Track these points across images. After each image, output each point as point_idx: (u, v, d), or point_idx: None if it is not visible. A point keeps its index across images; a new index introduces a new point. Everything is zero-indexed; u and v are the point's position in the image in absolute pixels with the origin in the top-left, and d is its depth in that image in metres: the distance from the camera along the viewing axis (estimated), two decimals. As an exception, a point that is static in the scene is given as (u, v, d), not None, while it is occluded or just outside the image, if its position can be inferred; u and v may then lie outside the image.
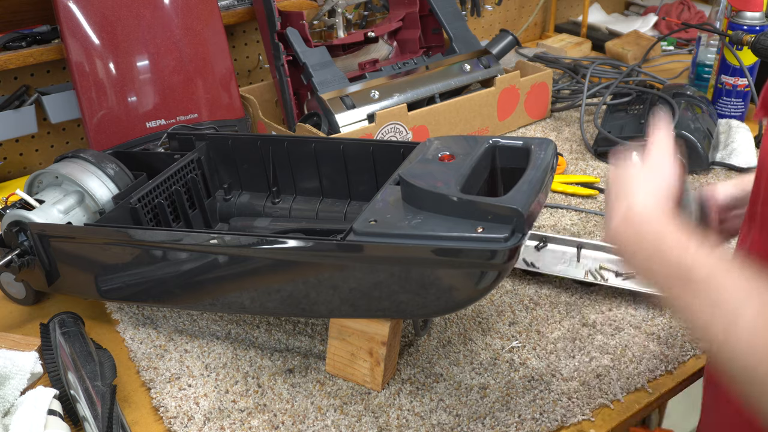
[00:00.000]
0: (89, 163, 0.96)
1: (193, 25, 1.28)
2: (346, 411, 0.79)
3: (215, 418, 0.79)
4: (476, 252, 0.67)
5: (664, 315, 0.92)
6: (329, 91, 1.26)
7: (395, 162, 0.88)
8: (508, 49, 1.50)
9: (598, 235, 1.09)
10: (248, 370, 0.86)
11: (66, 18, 1.18)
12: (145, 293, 0.87)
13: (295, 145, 1.00)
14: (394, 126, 1.25)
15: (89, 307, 0.97)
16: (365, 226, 0.71)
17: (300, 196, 1.04)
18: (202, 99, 1.31)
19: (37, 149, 1.35)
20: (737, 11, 1.39)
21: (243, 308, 0.84)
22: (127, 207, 0.91)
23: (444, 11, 1.43)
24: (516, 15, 1.96)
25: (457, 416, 0.78)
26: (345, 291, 0.76)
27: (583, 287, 0.98)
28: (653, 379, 0.83)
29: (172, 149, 1.08)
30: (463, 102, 1.33)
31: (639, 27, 1.95)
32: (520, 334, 0.90)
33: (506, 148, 0.82)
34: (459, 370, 0.85)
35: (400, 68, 1.36)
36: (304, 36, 1.30)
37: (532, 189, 0.70)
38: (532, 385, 0.82)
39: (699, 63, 1.57)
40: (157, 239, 0.82)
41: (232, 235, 0.77)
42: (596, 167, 1.31)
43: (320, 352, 0.88)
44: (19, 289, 0.97)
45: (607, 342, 0.88)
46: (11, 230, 0.89)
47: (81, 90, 1.20)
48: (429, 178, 0.74)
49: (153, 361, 0.87)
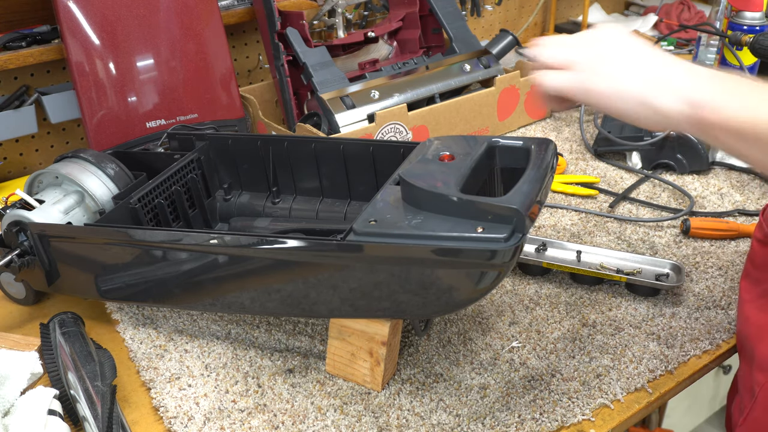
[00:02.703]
0: (89, 163, 0.96)
1: (193, 25, 1.28)
2: (346, 411, 0.79)
3: (215, 418, 0.79)
4: (476, 252, 0.67)
5: (664, 315, 0.92)
6: (329, 91, 1.26)
7: (395, 162, 0.88)
8: (508, 49, 1.50)
9: (599, 236, 1.09)
10: (248, 370, 0.86)
11: (66, 18, 1.18)
12: (145, 293, 0.87)
13: (295, 145, 1.00)
14: (394, 126, 1.25)
15: (89, 307, 0.97)
16: (365, 226, 0.71)
17: (300, 196, 1.04)
18: (202, 99, 1.31)
19: (37, 149, 1.35)
20: (737, 11, 1.39)
21: (243, 308, 0.84)
22: (127, 207, 0.91)
23: (444, 11, 1.43)
24: (516, 15, 1.96)
25: (457, 416, 0.78)
26: (345, 291, 0.76)
27: (583, 287, 0.98)
28: (653, 379, 0.83)
29: (172, 149, 1.08)
30: (463, 102, 1.33)
31: (639, 27, 1.95)
32: (520, 334, 0.90)
33: (506, 148, 0.82)
34: (459, 370, 0.85)
35: (400, 68, 1.36)
36: (304, 36, 1.30)
37: (532, 189, 0.70)
38: (532, 385, 0.82)
39: (699, 63, 1.56)
40: (157, 239, 0.82)
41: (232, 235, 0.77)
42: (596, 167, 1.31)
43: (320, 352, 0.88)
44: (19, 289, 0.97)
45: (607, 342, 0.88)
46: (11, 230, 0.89)
47: (81, 90, 1.20)
48: (429, 178, 0.74)
49: (153, 361, 0.87)
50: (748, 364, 0.81)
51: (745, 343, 0.82)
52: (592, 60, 0.65)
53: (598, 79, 0.64)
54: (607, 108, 0.64)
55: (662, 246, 1.06)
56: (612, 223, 1.13)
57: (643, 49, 0.65)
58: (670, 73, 0.61)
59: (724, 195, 1.20)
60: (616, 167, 1.30)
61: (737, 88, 0.57)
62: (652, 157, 1.27)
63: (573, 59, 0.66)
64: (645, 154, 1.28)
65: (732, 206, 1.17)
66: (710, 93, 0.58)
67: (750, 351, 0.81)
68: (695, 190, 1.22)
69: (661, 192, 1.22)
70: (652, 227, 1.12)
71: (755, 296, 0.84)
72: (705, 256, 1.04)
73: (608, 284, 0.99)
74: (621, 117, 0.64)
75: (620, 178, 1.26)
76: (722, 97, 0.57)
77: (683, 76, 0.60)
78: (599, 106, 0.65)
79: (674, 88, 0.60)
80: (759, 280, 0.84)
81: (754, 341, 0.80)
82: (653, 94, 0.61)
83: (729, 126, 0.56)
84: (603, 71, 0.64)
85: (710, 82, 0.59)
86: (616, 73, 0.63)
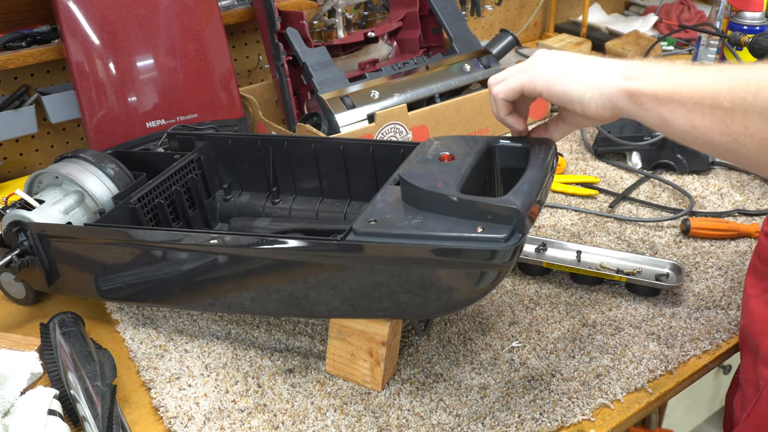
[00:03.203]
0: (89, 163, 0.96)
1: (193, 25, 1.28)
2: (346, 411, 0.79)
3: (215, 418, 0.79)
4: (476, 252, 0.67)
5: (664, 315, 0.92)
6: (329, 91, 1.26)
7: (395, 162, 0.88)
8: (508, 49, 1.50)
9: (599, 236, 1.09)
10: (248, 370, 0.86)
11: (66, 18, 1.18)
12: (145, 293, 0.87)
13: (295, 145, 1.00)
14: (394, 126, 1.25)
15: (89, 307, 0.97)
16: (365, 226, 0.71)
17: (300, 196, 1.04)
18: (202, 99, 1.31)
19: (37, 149, 1.35)
20: (737, 11, 1.39)
21: (243, 308, 0.84)
22: (126, 207, 0.91)
23: (444, 11, 1.43)
24: (516, 15, 1.96)
25: (457, 416, 0.78)
26: (345, 291, 0.76)
27: (583, 287, 0.98)
28: (653, 379, 0.83)
29: (172, 149, 1.08)
30: (463, 102, 1.33)
31: (639, 27, 1.95)
32: (520, 334, 0.90)
33: (506, 148, 0.82)
34: (459, 370, 0.85)
35: (400, 68, 1.36)
36: (304, 36, 1.30)
37: (532, 189, 0.70)
38: (532, 385, 0.82)
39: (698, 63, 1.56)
40: (157, 239, 0.82)
41: (232, 235, 0.77)
42: (596, 167, 1.31)
43: (320, 352, 0.88)
44: (19, 289, 0.97)
45: (607, 342, 0.88)
46: (11, 230, 0.89)
47: (81, 90, 1.20)
48: (429, 178, 0.74)
49: (153, 361, 0.87)
50: (752, 360, 0.81)
51: (750, 338, 0.82)
52: (536, 60, 0.74)
53: (542, 68, 0.72)
54: (554, 93, 0.71)
55: (662, 246, 1.06)
56: (612, 223, 1.13)
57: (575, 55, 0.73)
58: (607, 61, 0.70)
59: (724, 195, 1.20)
60: (616, 167, 1.30)
61: (667, 67, 0.65)
62: (652, 157, 1.27)
63: (517, 66, 0.76)
64: (645, 154, 1.28)
65: (732, 206, 1.17)
66: (641, 69, 0.66)
67: (754, 346, 0.81)
68: (695, 190, 1.22)
69: (661, 192, 1.22)
70: (652, 227, 1.12)
71: (761, 290, 0.83)
72: (705, 256, 1.04)
73: (608, 284, 0.99)
74: (567, 102, 0.71)
75: (620, 178, 1.27)
76: (652, 72, 0.65)
77: (619, 62, 0.69)
78: (549, 94, 0.72)
79: (612, 67, 0.68)
80: (765, 274, 0.84)
81: (759, 336, 0.80)
82: (594, 75, 0.69)
83: (655, 94, 0.63)
84: (547, 63, 0.73)
85: (643, 64, 0.67)
86: (559, 62, 0.72)
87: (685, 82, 0.62)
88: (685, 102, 0.61)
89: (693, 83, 0.61)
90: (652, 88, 0.64)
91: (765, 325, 0.80)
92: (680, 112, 0.61)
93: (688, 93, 0.61)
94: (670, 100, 0.62)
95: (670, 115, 0.62)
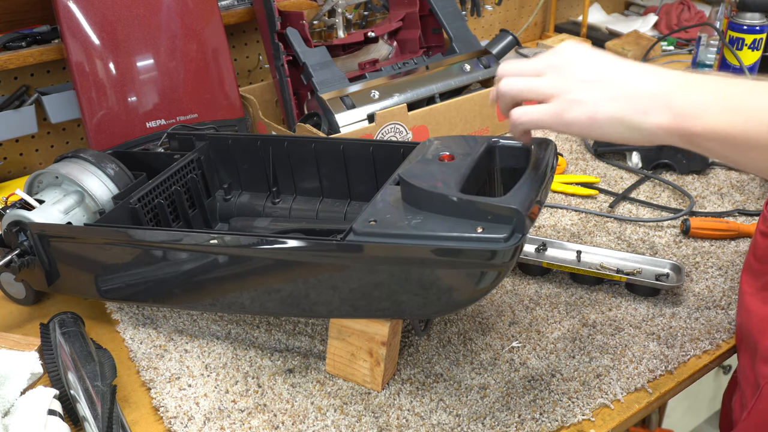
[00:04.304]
0: (89, 163, 0.96)
1: (193, 25, 1.28)
2: (346, 411, 0.79)
3: (215, 418, 0.79)
4: (476, 252, 0.67)
5: (664, 315, 0.92)
6: (329, 91, 1.26)
7: (395, 162, 0.88)
8: (508, 49, 1.50)
9: (599, 236, 1.09)
10: (248, 370, 0.86)
11: (66, 18, 1.18)
12: (145, 293, 0.87)
13: (295, 145, 1.00)
14: (394, 126, 1.25)
15: (89, 307, 0.97)
16: (365, 226, 0.71)
17: (300, 196, 1.04)
18: (202, 99, 1.31)
19: (37, 149, 1.35)
20: (737, 11, 1.39)
21: (243, 308, 0.84)
22: (126, 207, 0.91)
23: (444, 11, 1.43)
24: (516, 15, 1.96)
25: (457, 416, 0.78)
26: (345, 291, 0.76)
27: (583, 287, 0.98)
28: (653, 379, 0.83)
29: (172, 149, 1.08)
30: (463, 102, 1.33)
31: (639, 27, 1.95)
32: (520, 334, 0.90)
33: (506, 148, 0.82)
34: (459, 370, 0.85)
35: (400, 68, 1.36)
36: (304, 36, 1.30)
37: (532, 189, 0.70)
38: (532, 385, 0.82)
39: (699, 63, 1.57)
40: (157, 239, 0.82)
41: (232, 235, 0.77)
42: (596, 167, 1.31)
43: (320, 352, 0.88)
44: (19, 289, 0.97)
45: (607, 342, 0.88)
46: (11, 230, 0.89)
47: (81, 90, 1.20)
48: (429, 178, 0.74)
49: (153, 361, 0.87)
50: (750, 358, 0.81)
51: (748, 336, 0.82)
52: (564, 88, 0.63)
53: (574, 108, 0.62)
54: (589, 135, 0.63)
55: (662, 246, 1.07)
56: (612, 223, 1.13)
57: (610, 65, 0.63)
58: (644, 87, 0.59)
59: (724, 195, 1.20)
60: (616, 167, 1.30)
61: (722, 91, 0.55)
62: (652, 157, 1.27)
63: (544, 91, 0.64)
64: (645, 154, 1.28)
65: (732, 206, 1.17)
66: (690, 100, 0.55)
67: (753, 344, 0.81)
68: (695, 190, 1.22)
69: (661, 192, 1.22)
70: (652, 227, 1.12)
71: (757, 289, 0.83)
72: (705, 256, 1.04)
73: (608, 284, 0.99)
74: (605, 140, 0.62)
75: (620, 178, 1.27)
76: (705, 103, 0.55)
77: (658, 87, 0.58)
78: (581, 135, 0.64)
79: (653, 103, 0.58)
80: (761, 273, 0.84)
81: (758, 334, 0.80)
82: (633, 114, 0.59)
83: (716, 135, 0.54)
84: (577, 99, 0.62)
85: (691, 88, 0.56)
86: (592, 98, 0.61)
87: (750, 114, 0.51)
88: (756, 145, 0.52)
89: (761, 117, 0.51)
90: (712, 128, 0.53)
91: (762, 322, 0.80)
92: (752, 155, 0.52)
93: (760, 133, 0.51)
94: (737, 142, 0.53)
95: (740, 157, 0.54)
